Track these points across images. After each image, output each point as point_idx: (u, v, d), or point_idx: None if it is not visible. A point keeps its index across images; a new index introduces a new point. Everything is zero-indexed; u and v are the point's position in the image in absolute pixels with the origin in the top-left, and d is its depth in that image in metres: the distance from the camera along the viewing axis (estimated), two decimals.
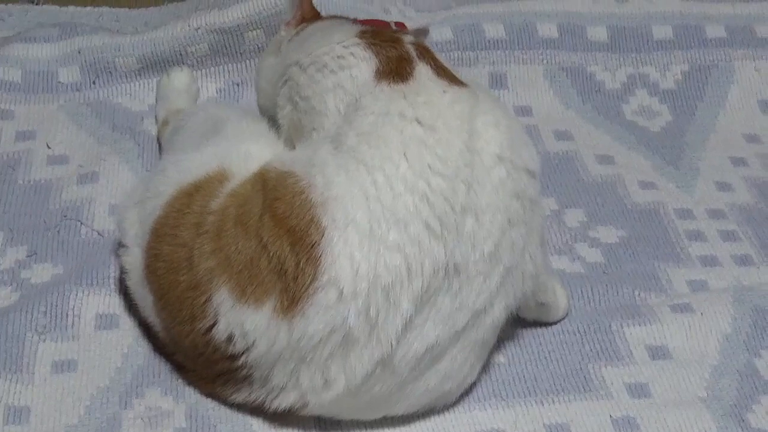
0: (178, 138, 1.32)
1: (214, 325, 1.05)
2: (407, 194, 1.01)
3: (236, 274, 1.04)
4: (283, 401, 1.06)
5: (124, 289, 1.20)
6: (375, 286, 0.99)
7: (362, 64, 1.12)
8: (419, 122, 1.05)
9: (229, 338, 1.04)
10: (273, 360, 1.03)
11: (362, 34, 1.17)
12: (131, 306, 1.20)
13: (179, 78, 1.49)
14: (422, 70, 1.11)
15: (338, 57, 1.14)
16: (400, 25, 1.30)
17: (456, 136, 1.05)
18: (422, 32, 1.34)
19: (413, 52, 1.14)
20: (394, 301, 1.00)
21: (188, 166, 1.17)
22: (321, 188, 1.02)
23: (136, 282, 1.16)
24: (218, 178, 1.13)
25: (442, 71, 1.13)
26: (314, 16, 1.31)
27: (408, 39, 1.16)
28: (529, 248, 1.11)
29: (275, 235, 1.02)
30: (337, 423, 1.10)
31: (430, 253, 1.01)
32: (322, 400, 1.05)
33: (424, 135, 1.04)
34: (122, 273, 1.20)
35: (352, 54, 1.14)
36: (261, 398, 1.07)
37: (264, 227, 1.04)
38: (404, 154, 1.03)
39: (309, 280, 1.00)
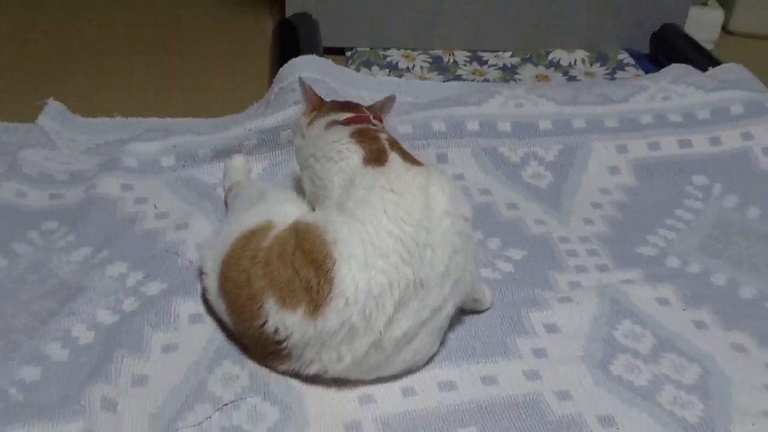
0: (237, 202, 1.34)
1: (265, 323, 1.08)
2: (388, 238, 1.06)
3: (279, 290, 1.07)
4: (311, 369, 1.09)
5: (206, 299, 1.22)
6: (369, 296, 1.04)
7: (354, 155, 1.17)
8: (393, 191, 1.10)
9: (276, 331, 1.07)
10: (304, 344, 1.06)
11: (353, 135, 1.20)
12: (211, 309, 1.21)
13: (238, 161, 1.51)
14: (393, 157, 1.15)
15: (338, 152, 1.18)
16: (377, 118, 1.32)
17: (417, 199, 1.10)
18: (390, 100, 1.38)
19: (386, 145, 1.18)
20: (381, 306, 1.04)
21: (246, 219, 1.20)
22: (332, 234, 1.07)
23: (213, 296, 1.18)
24: (266, 227, 1.16)
25: (406, 156, 1.17)
26: (321, 104, 1.36)
27: (383, 136, 1.21)
28: (468, 266, 1.14)
29: (303, 264, 1.07)
30: (347, 381, 1.12)
31: (404, 275, 1.05)
32: (336, 369, 1.08)
33: (397, 199, 1.09)
34: (203, 291, 1.22)
35: (347, 149, 1.18)
36: (296, 368, 1.10)
37: (296, 259, 1.08)
38: (384, 212, 1.08)
39: (326, 293, 1.04)
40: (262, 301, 1.08)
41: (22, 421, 1.01)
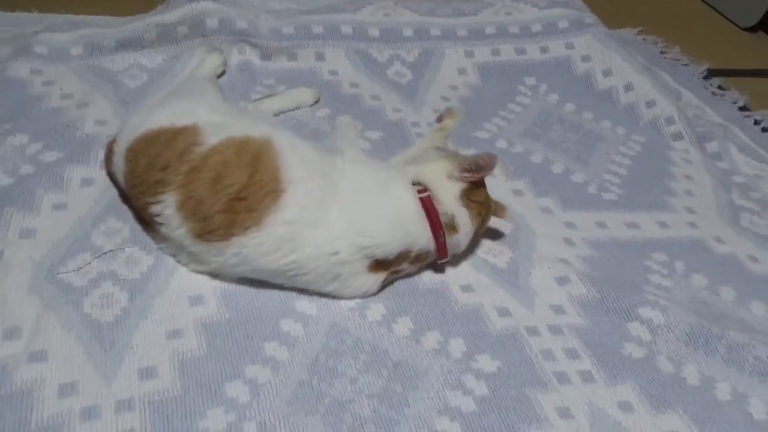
0: (181, 88, 1.21)
1: (154, 204, 0.92)
2: None
3: (187, 200, 0.89)
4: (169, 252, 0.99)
5: (100, 164, 1.10)
6: None
7: None
8: None
9: (157, 215, 0.93)
10: (168, 239, 0.96)
11: None
12: (103, 175, 1.09)
13: (211, 59, 1.36)
14: None
15: None
16: None
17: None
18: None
19: None
20: None
21: (176, 112, 0.99)
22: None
23: (119, 155, 0.98)
24: (192, 131, 0.95)
25: None
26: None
27: None
28: None
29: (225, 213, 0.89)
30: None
31: None
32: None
33: None
34: (106, 157, 1.07)
35: None
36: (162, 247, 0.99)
37: (223, 205, 0.89)
38: None
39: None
40: (167, 190, 0.90)
41: None
